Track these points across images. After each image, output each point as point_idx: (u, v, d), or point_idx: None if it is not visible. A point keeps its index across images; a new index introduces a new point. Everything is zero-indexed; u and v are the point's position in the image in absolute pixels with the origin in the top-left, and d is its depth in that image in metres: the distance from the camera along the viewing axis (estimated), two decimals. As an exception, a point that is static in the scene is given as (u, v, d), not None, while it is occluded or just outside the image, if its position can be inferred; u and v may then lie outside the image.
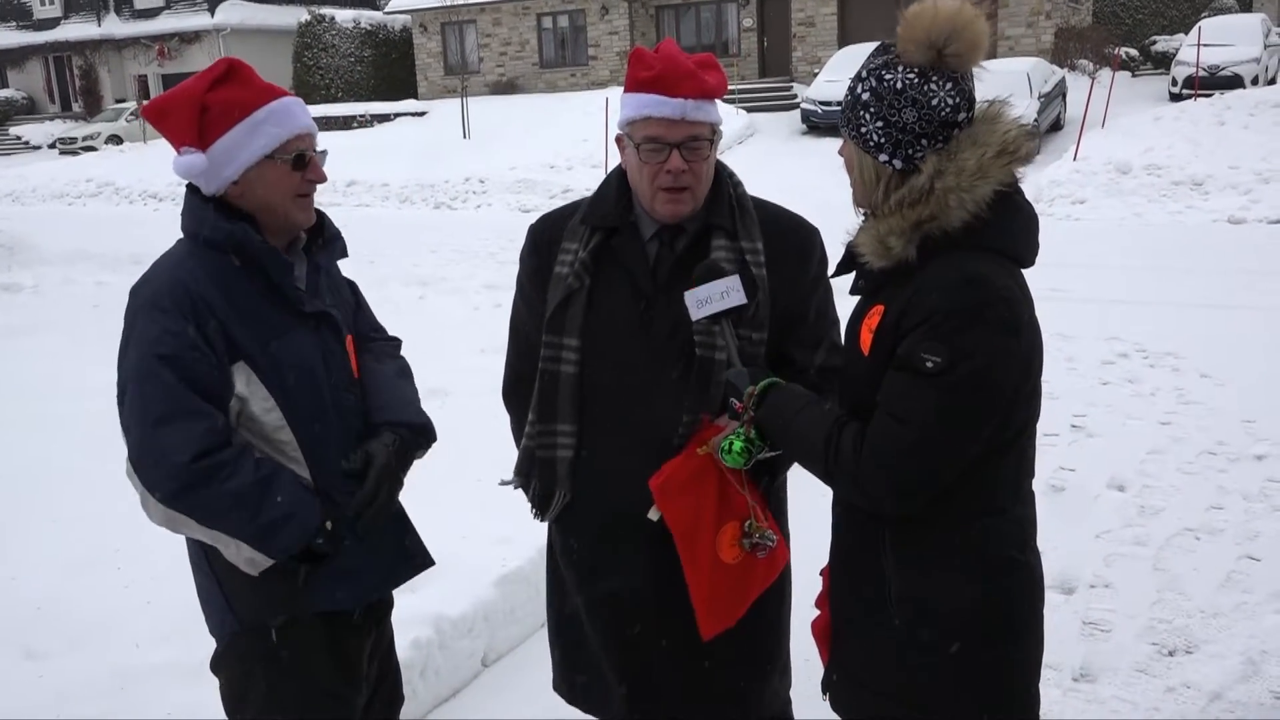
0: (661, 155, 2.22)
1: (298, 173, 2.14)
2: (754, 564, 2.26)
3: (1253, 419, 6.07)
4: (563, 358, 2.33)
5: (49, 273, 12.21)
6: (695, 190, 2.27)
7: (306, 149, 2.16)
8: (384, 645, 2.47)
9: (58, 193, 24.73)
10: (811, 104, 22.18)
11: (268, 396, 2.10)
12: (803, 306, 2.38)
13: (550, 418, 2.36)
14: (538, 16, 31.23)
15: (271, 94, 2.13)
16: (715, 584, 2.24)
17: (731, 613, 2.29)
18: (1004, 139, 1.87)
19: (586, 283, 2.32)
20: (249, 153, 2.09)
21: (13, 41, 42.64)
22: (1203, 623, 3.91)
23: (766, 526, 2.24)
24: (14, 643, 3.55)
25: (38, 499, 4.77)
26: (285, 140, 2.12)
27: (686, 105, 2.20)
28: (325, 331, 2.23)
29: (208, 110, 2.07)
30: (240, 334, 2.07)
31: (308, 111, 2.21)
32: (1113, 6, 31.99)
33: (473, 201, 19.84)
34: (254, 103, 2.10)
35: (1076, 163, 15.94)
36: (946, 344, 1.77)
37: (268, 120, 2.10)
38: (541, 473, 2.41)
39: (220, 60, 2.15)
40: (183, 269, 2.09)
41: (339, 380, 2.24)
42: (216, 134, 2.08)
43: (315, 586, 2.17)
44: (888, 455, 1.82)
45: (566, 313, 2.32)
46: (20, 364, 7.51)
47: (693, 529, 2.21)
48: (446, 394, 5.82)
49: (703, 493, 2.21)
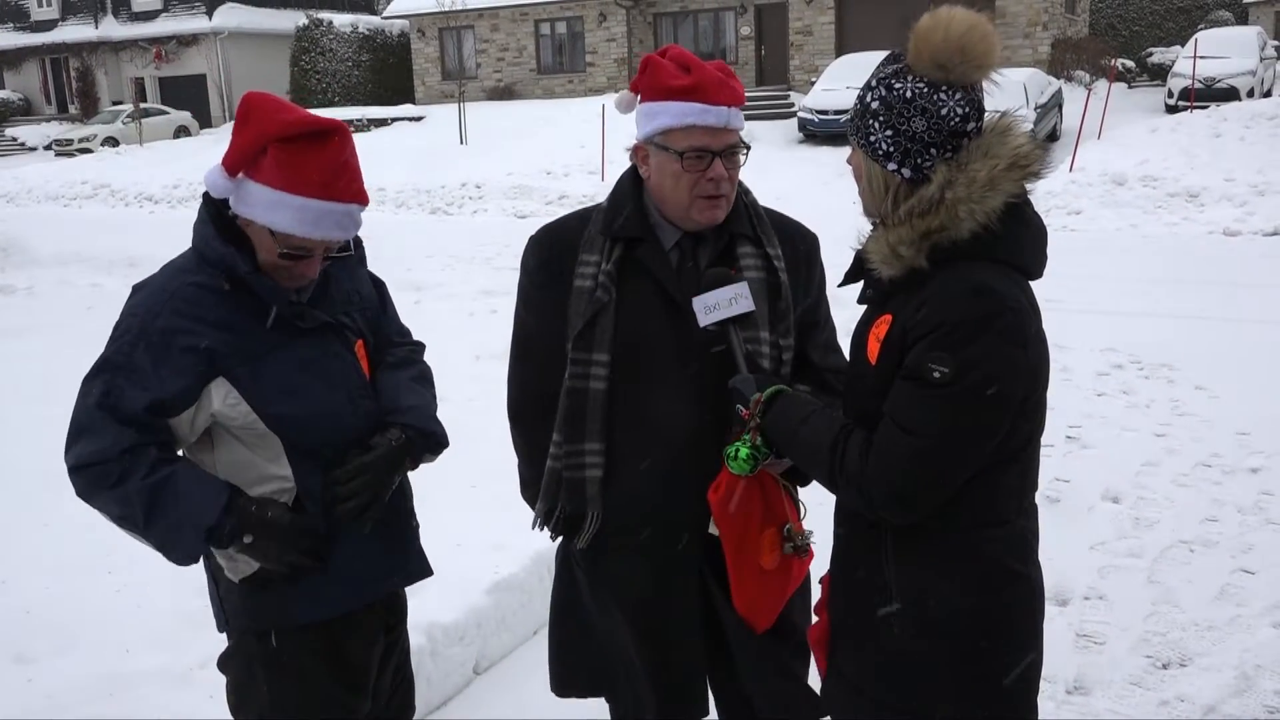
0: (704, 163, 2.20)
1: (287, 262, 2.06)
2: (789, 566, 2.26)
3: (1247, 431, 6.08)
4: (592, 374, 2.26)
5: (43, 275, 12.20)
6: (730, 197, 2.27)
7: (310, 251, 2.06)
8: (398, 655, 2.45)
9: (53, 194, 24.69)
10: (808, 113, 22.18)
11: (250, 411, 2.07)
12: (814, 312, 2.41)
13: (579, 437, 2.29)
14: (536, 23, 31.28)
15: (333, 192, 2.01)
16: (760, 591, 2.25)
17: (770, 616, 2.29)
18: (1016, 152, 1.87)
19: (613, 295, 2.26)
20: (264, 218, 2.01)
21: (10, 43, 42.58)
22: (1197, 636, 3.90)
23: (801, 529, 2.25)
24: (3, 646, 3.53)
25: (28, 502, 4.75)
26: (300, 237, 2.02)
27: (729, 113, 2.20)
28: (330, 339, 2.20)
29: (266, 154, 1.98)
30: (223, 350, 2.04)
31: (358, 223, 2.12)
32: (1109, 18, 32.13)
33: (469, 207, 19.84)
34: (311, 190, 1.99)
35: (1072, 174, 15.99)
36: (954, 354, 1.77)
37: (302, 212, 2.00)
38: (570, 494, 2.33)
39: (332, 121, 2.04)
40: (173, 282, 2.08)
41: (346, 385, 2.20)
42: (257, 177, 2.00)
43: (298, 597, 2.16)
44: (893, 464, 1.82)
45: (595, 328, 2.25)
46: (13, 366, 7.49)
47: (742, 540, 2.20)
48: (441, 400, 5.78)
49: (751, 502, 2.19)
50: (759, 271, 2.28)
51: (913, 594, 1.92)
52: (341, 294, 2.27)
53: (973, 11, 1.87)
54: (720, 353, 2.21)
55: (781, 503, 2.23)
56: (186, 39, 39.11)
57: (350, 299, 2.30)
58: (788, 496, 2.27)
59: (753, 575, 2.22)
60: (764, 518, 2.21)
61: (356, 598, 2.24)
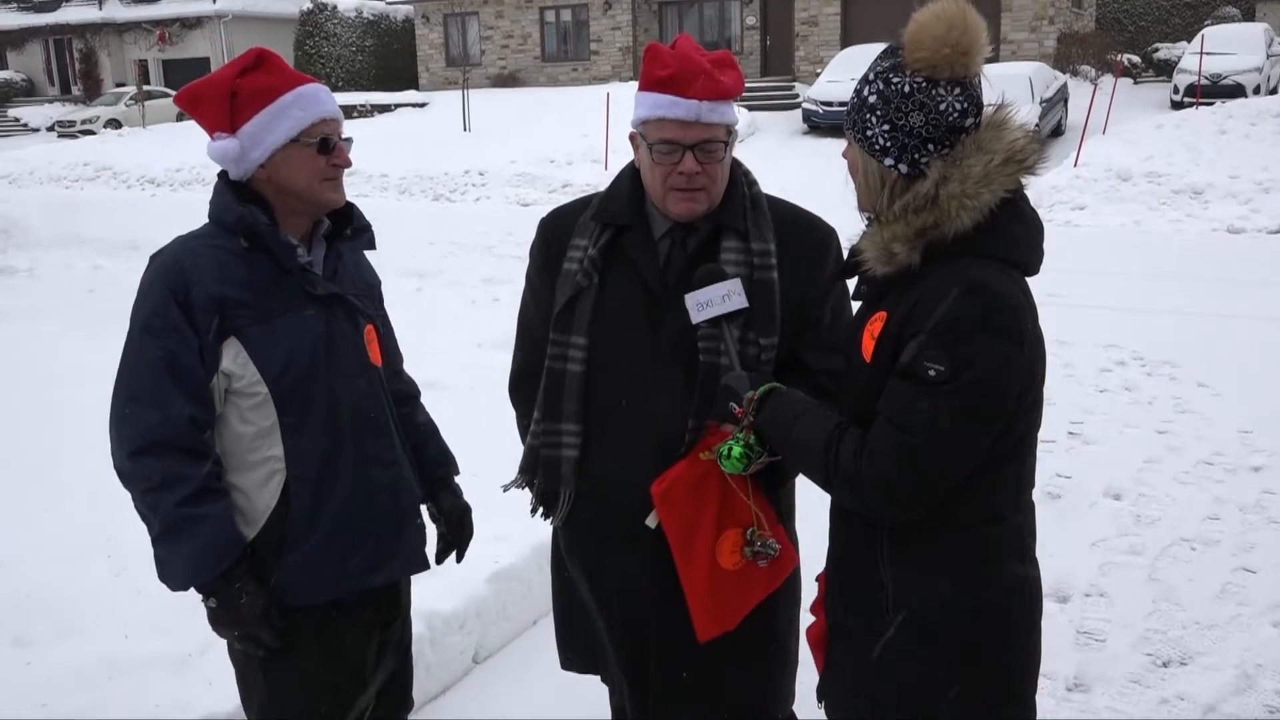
0: (674, 157, 2.19)
1: (323, 156, 2.19)
2: (756, 570, 2.24)
3: (1250, 429, 6.07)
4: (569, 356, 2.29)
5: (45, 256, 12.17)
6: (710, 190, 2.24)
7: (332, 134, 2.21)
8: (394, 646, 2.45)
9: (55, 176, 24.68)
10: (813, 104, 22.16)
11: (256, 373, 2.14)
12: (818, 309, 2.33)
13: (555, 416, 2.33)
14: (540, 10, 31.20)
15: (298, 80, 2.20)
16: (713, 588, 2.22)
17: (731, 617, 2.26)
18: (1011, 147, 1.85)
19: (595, 280, 2.28)
20: (275, 136, 2.14)
21: (13, 23, 42.51)
22: (1198, 634, 3.90)
23: (769, 535, 2.21)
24: (2, 629, 3.52)
25: (29, 485, 4.74)
26: (310, 124, 2.17)
27: (701, 107, 2.16)
28: (338, 314, 2.25)
29: (237, 95, 2.14)
30: (235, 311, 2.12)
31: (333, 98, 2.26)
32: (1115, 13, 32.03)
33: (472, 194, 19.82)
34: (281, 88, 2.16)
35: (1077, 169, 15.95)
36: (949, 352, 1.75)
37: (294, 104, 2.16)
38: (546, 472, 2.37)
39: (251, 50, 2.22)
40: (186, 247, 2.17)
41: (350, 363, 2.25)
42: (245, 118, 2.14)
43: (282, 582, 2.18)
44: (888, 463, 1.80)
45: (574, 310, 2.29)
46: (14, 348, 7.48)
47: (688, 535, 2.18)
48: (442, 388, 5.77)
49: (704, 499, 2.18)
50: (740, 267, 2.24)
51: (909, 592, 1.91)
52: (349, 277, 2.35)
53: (958, 2, 1.84)
54: (699, 345, 2.20)
55: (744, 505, 2.19)
56: (190, 21, 39.05)
57: (358, 285, 2.38)
58: (760, 500, 2.22)
59: (703, 573, 2.20)
60: (721, 517, 2.19)
61: (345, 585, 2.24)
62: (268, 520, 2.17)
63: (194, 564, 2.09)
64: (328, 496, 2.19)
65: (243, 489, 2.18)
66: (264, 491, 2.17)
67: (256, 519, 2.18)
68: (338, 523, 2.20)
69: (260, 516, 2.17)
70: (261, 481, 2.17)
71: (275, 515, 2.17)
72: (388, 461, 2.31)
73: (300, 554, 2.18)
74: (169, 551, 2.11)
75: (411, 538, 2.38)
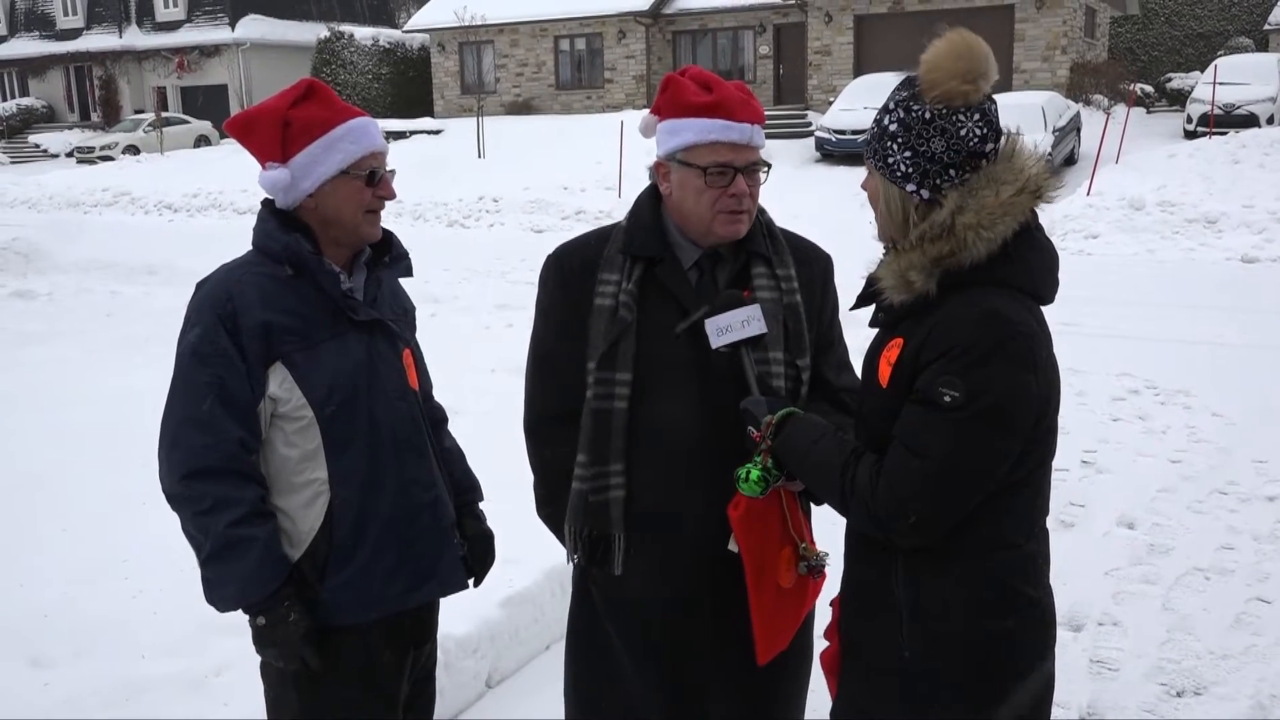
0: (727, 179, 2.22)
1: (369, 189, 2.23)
2: (805, 586, 2.27)
3: (1264, 459, 6.04)
4: (615, 394, 2.26)
5: (64, 281, 12.29)
6: (752, 212, 2.29)
7: (379, 166, 2.25)
8: (421, 667, 2.47)
9: (74, 201, 24.89)
10: (826, 132, 22.21)
11: (301, 397, 2.17)
12: (830, 331, 2.42)
13: (603, 459, 2.28)
14: (555, 39, 31.42)
15: (349, 113, 2.24)
16: (776, 610, 2.24)
17: (785, 636, 2.29)
18: (1025, 177, 1.88)
19: (634, 315, 2.27)
20: (326, 168, 2.19)
21: (35, 50, 42.95)
22: (1212, 664, 3.88)
23: (815, 549, 2.25)
24: (21, 650, 3.55)
25: (48, 507, 4.77)
26: (360, 157, 2.22)
27: (753, 130, 2.23)
28: (379, 339, 2.30)
29: (290, 126, 2.18)
30: (281, 337, 2.15)
31: (380, 131, 2.31)
32: (1128, 43, 32.11)
33: (486, 220, 19.92)
34: (333, 120, 2.21)
35: (1090, 198, 15.96)
36: (964, 379, 1.78)
37: (345, 138, 2.20)
38: (596, 518, 2.31)
39: (302, 80, 2.27)
40: (232, 275, 2.21)
41: (390, 387, 2.29)
42: (297, 148, 2.18)
43: (325, 603, 2.20)
44: (903, 488, 1.82)
45: (619, 347, 2.26)
46: (33, 371, 7.55)
47: (762, 558, 2.19)
48: (457, 412, 5.78)
49: (770, 519, 2.19)
50: (772, 292, 2.28)
51: (923, 617, 1.92)
52: (387, 303, 2.39)
53: (962, 32, 1.88)
54: (735, 373, 2.21)
55: (799, 522, 2.24)
56: (209, 49, 39.40)
57: (395, 310, 2.43)
58: (804, 516, 2.27)
59: (771, 594, 2.22)
60: (781, 536, 2.22)
61: (387, 606, 2.27)
62: (312, 542, 2.20)
63: (244, 585, 2.12)
64: (371, 518, 2.22)
65: (287, 511, 2.21)
66: (308, 513, 2.20)
67: (301, 540, 2.20)
68: (380, 544, 2.23)
69: (305, 538, 2.20)
70: (306, 503, 2.20)
71: (319, 537, 2.20)
72: (427, 483, 2.33)
73: (344, 575, 2.21)
74: (219, 573, 2.14)
75: (449, 558, 2.39)
